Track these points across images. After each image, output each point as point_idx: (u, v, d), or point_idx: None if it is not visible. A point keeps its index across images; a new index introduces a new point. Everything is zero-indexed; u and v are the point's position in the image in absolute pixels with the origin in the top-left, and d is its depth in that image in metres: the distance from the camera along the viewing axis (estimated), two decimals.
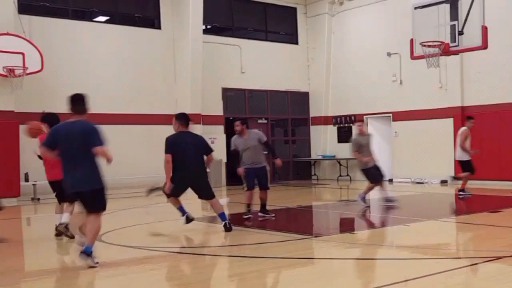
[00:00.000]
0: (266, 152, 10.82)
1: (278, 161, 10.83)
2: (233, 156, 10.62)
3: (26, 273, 7.14)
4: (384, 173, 12.39)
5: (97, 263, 6.68)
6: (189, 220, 9.52)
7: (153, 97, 18.29)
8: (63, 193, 7.63)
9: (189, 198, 10.34)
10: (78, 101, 7.01)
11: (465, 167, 13.49)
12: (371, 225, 10.73)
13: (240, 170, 10.36)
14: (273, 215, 10.52)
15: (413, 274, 6.06)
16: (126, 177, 17.30)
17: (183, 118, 9.47)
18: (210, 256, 7.55)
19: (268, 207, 10.65)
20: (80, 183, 6.78)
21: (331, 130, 21.68)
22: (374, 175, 12.03)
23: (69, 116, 6.99)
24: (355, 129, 11.72)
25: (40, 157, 8.75)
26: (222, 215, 9.25)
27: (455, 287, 5.67)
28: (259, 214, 10.53)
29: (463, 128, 13.58)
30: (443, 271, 6.27)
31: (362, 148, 11.99)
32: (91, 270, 6.75)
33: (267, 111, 21.18)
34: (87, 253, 6.66)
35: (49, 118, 9.14)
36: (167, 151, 9.04)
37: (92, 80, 17.10)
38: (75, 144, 6.75)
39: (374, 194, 12.92)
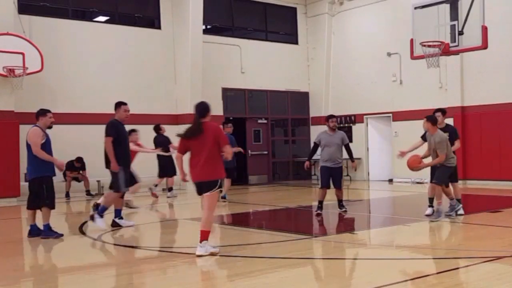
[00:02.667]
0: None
1: (354, 164, 11.42)
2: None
3: (26, 273, 7.14)
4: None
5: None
6: None
7: (153, 97, 18.29)
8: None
9: (189, 198, 10.37)
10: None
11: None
12: (371, 225, 10.73)
13: (307, 163, 11.14)
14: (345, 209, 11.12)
15: (413, 274, 6.06)
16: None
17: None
18: (210, 256, 7.54)
19: (268, 207, 10.64)
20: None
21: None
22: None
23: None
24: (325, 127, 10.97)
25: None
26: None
27: (455, 287, 5.67)
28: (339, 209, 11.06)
29: None
30: (443, 271, 6.28)
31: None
32: (91, 270, 6.76)
33: (267, 111, 21.17)
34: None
35: None
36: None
37: (92, 80, 17.10)
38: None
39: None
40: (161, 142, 15.42)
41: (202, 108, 7.44)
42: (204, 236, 7.16)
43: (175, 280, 6.20)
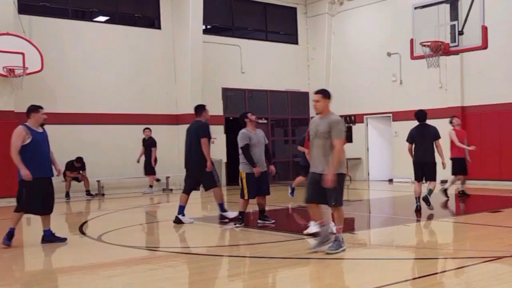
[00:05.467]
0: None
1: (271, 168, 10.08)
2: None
3: (26, 273, 7.14)
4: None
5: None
6: None
7: (153, 97, 18.30)
8: None
9: (189, 198, 10.36)
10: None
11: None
12: (371, 225, 10.73)
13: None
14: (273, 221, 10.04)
15: (413, 274, 6.06)
16: (126, 177, 17.33)
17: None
18: (210, 256, 7.55)
19: (268, 207, 10.63)
20: None
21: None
22: None
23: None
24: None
25: None
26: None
27: (455, 287, 5.67)
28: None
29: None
30: (443, 271, 6.28)
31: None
32: (90, 270, 6.76)
33: (267, 111, 21.17)
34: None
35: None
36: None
37: (92, 80, 17.11)
38: None
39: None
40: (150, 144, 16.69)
41: None
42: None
43: (174, 280, 6.20)
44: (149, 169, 16.89)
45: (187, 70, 18.30)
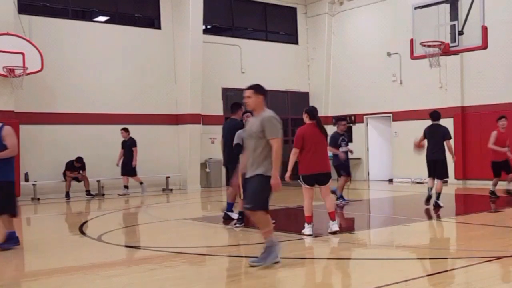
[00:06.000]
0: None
1: None
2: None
3: (26, 273, 7.14)
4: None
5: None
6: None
7: (153, 97, 18.29)
8: None
9: (190, 198, 10.37)
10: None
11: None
12: (371, 225, 10.73)
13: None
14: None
15: (413, 274, 6.06)
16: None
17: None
18: (210, 256, 7.55)
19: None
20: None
21: (331, 130, 21.60)
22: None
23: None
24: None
25: None
26: None
27: (455, 287, 5.67)
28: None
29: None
30: (443, 271, 6.28)
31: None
32: (90, 271, 6.76)
33: None
34: None
35: None
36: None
37: (92, 80, 17.10)
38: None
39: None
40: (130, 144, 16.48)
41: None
42: (332, 216, 8.54)
43: (174, 280, 6.20)
44: (129, 170, 16.42)
45: (187, 70, 18.30)
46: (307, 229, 8.51)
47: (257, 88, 6.78)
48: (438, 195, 11.49)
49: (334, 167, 12.23)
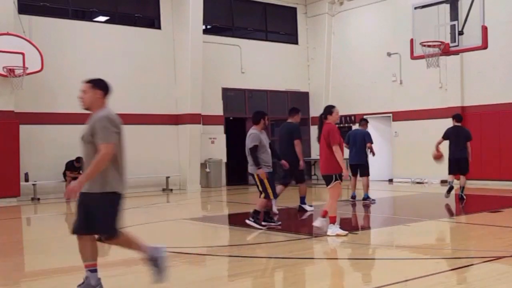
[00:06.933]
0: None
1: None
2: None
3: (26, 273, 7.14)
4: None
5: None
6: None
7: (153, 97, 18.29)
8: None
9: (189, 198, 10.36)
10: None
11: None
12: (371, 225, 10.73)
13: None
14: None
15: (413, 274, 6.06)
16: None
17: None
18: (210, 256, 7.55)
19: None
20: None
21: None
22: None
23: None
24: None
25: None
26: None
27: (455, 287, 5.67)
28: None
29: None
30: (443, 271, 6.27)
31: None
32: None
33: (267, 111, 21.03)
34: None
35: None
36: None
37: None
38: None
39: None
40: None
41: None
42: (332, 220, 8.38)
43: (174, 280, 6.20)
44: None
45: (187, 70, 18.30)
46: (335, 229, 8.41)
47: (96, 82, 5.61)
48: (462, 188, 12.70)
49: (353, 166, 13.43)
